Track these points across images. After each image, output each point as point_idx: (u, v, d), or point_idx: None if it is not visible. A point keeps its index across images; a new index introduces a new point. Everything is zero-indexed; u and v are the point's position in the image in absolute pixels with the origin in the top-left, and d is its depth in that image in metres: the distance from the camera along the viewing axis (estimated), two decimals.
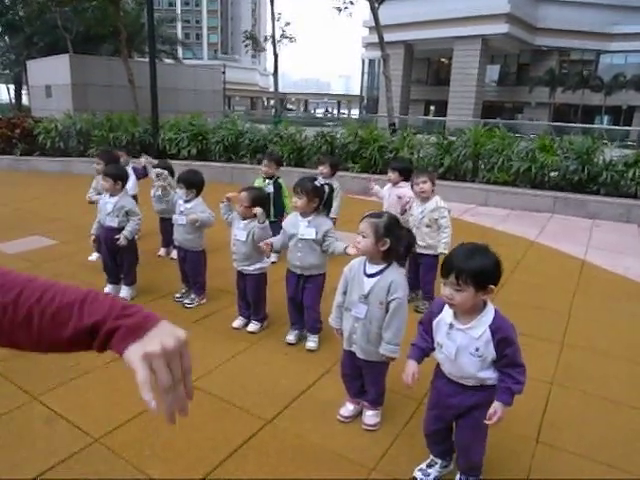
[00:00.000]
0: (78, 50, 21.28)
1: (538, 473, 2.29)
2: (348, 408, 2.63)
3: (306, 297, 3.34)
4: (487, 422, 1.86)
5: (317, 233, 3.19)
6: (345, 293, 2.53)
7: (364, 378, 2.58)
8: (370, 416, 2.57)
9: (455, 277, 1.78)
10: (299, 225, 3.23)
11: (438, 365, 2.09)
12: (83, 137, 11.73)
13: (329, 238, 3.21)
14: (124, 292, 4.17)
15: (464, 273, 1.77)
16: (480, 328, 1.87)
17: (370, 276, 2.40)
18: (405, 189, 4.46)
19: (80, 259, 5.09)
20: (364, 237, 2.35)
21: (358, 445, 2.44)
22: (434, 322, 2.01)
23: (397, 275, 2.39)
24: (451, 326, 1.93)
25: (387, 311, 2.37)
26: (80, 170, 10.64)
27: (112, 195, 4.06)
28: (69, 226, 6.39)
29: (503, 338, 1.85)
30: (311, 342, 3.38)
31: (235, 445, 2.39)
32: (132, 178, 5.73)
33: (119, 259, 4.13)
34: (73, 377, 2.95)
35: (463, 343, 1.90)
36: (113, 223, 4.04)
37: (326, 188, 3.25)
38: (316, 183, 3.18)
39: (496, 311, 1.92)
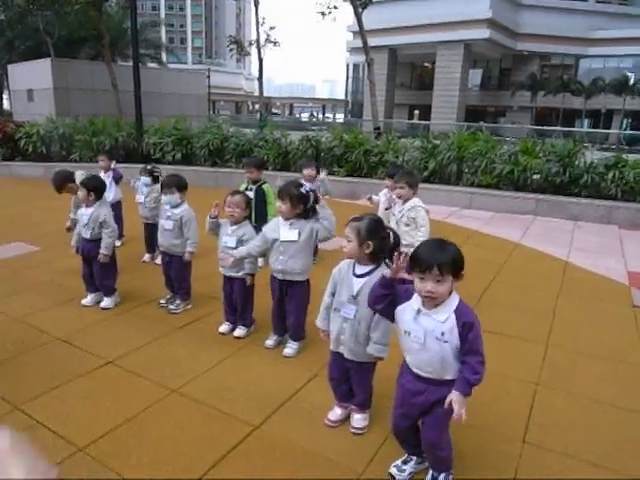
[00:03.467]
0: (60, 54, 21.06)
1: (525, 473, 2.30)
2: (336, 412, 2.62)
3: (289, 305, 3.29)
4: (454, 416, 1.88)
5: (300, 234, 3.13)
6: (333, 294, 2.53)
7: (352, 380, 2.58)
8: (358, 419, 2.57)
9: (438, 269, 1.85)
10: (280, 229, 3.17)
11: (404, 362, 2.12)
12: (66, 142, 11.57)
13: (316, 231, 3.14)
14: (105, 302, 4.08)
15: (445, 264, 1.87)
16: (445, 313, 1.93)
17: (359, 276, 2.42)
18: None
19: (61, 266, 5.02)
20: (349, 241, 2.36)
21: (347, 449, 2.43)
22: (399, 307, 2.05)
23: None
24: (418, 311, 1.98)
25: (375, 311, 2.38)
26: None
27: (88, 206, 3.98)
28: (51, 232, 6.29)
29: (466, 323, 1.91)
30: (289, 348, 3.34)
31: (223, 451, 2.37)
32: (113, 186, 5.68)
33: (96, 272, 4.03)
34: (56, 385, 2.89)
35: (430, 327, 1.95)
36: (87, 235, 3.97)
37: (310, 195, 3.22)
38: (302, 190, 3.13)
39: (460, 299, 1.99)
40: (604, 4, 47.14)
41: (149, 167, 5.28)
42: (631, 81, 40.34)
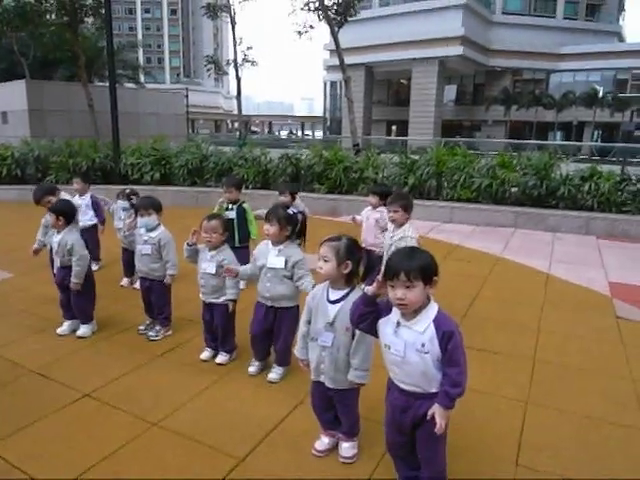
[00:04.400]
0: (35, 75, 20.83)
1: None
2: (323, 442, 2.53)
3: (278, 330, 3.20)
4: (436, 430, 1.88)
5: (286, 262, 3.06)
6: (309, 322, 2.47)
7: (336, 408, 2.50)
8: (347, 448, 2.48)
9: (405, 274, 1.86)
10: (269, 254, 3.12)
11: (389, 378, 2.09)
12: (41, 164, 11.36)
13: (300, 271, 3.07)
14: (82, 330, 3.93)
15: (413, 270, 1.87)
16: (424, 322, 1.92)
17: (334, 302, 2.36)
18: (384, 213, 4.46)
19: (37, 292, 4.85)
20: (326, 261, 2.31)
21: (336, 479, 2.34)
22: (380, 320, 2.03)
23: None
24: (398, 324, 1.96)
25: (353, 337, 2.33)
26: None
27: (58, 232, 3.86)
28: (24, 258, 6.05)
29: (446, 332, 1.89)
30: (274, 374, 3.25)
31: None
32: (89, 209, 5.55)
33: (72, 299, 3.89)
34: (30, 422, 2.75)
35: (410, 339, 1.93)
36: (58, 263, 3.85)
37: (299, 217, 3.21)
38: (289, 211, 3.14)
39: (439, 308, 1.97)
40: (571, 20, 48.85)
41: (127, 191, 5.17)
42: (600, 94, 41.63)
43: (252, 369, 3.33)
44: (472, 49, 43.12)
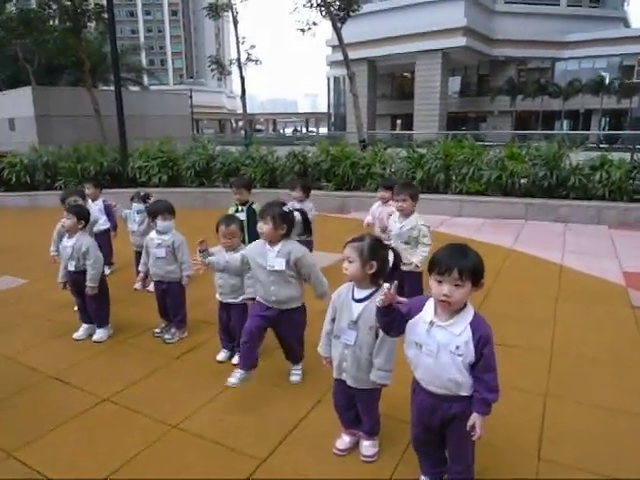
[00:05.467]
0: (41, 81, 20.93)
1: None
2: (344, 440, 2.53)
3: (289, 331, 3.15)
4: (473, 438, 1.90)
5: (288, 262, 2.94)
6: (334, 320, 2.46)
7: (357, 407, 2.50)
8: (367, 446, 2.48)
9: (458, 273, 1.82)
10: (267, 255, 2.97)
11: (414, 380, 2.07)
12: (50, 170, 11.43)
13: (305, 270, 2.96)
14: (98, 335, 3.96)
15: (466, 269, 1.83)
16: (461, 325, 1.89)
17: (359, 301, 2.35)
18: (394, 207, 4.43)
19: (51, 297, 4.89)
20: (350, 262, 2.30)
21: (358, 478, 2.35)
22: (410, 322, 2.01)
23: None
24: (431, 324, 1.93)
25: (377, 336, 2.31)
26: (48, 204, 10.31)
27: (70, 237, 3.88)
28: (38, 263, 6.13)
29: (482, 336, 1.87)
30: (296, 376, 3.23)
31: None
32: (102, 214, 5.58)
33: (87, 303, 3.92)
34: (51, 428, 2.77)
35: (444, 340, 1.90)
36: (73, 267, 3.87)
37: (297, 214, 3.09)
38: (285, 208, 2.98)
39: (476, 311, 1.94)
40: (575, 7, 48.31)
41: (142, 193, 5.18)
42: (606, 81, 41.22)
43: (232, 380, 2.98)
44: (475, 39, 42.79)
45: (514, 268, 5.74)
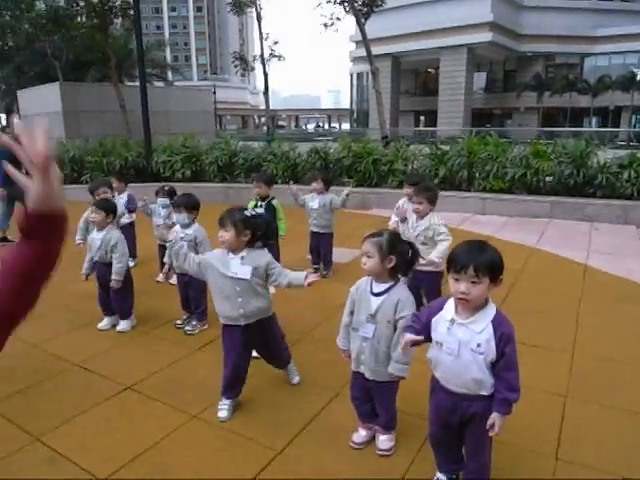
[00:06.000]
0: (68, 77, 21.37)
1: None
2: (361, 434, 2.55)
3: (267, 345, 2.98)
4: (490, 434, 1.89)
5: (256, 269, 2.72)
6: (352, 313, 2.48)
7: (375, 400, 2.51)
8: (384, 441, 2.50)
9: (474, 269, 1.81)
10: (229, 263, 2.72)
11: (434, 378, 2.07)
12: (76, 164, 11.69)
13: (273, 270, 2.78)
14: (122, 325, 4.06)
15: (482, 265, 1.82)
16: (482, 323, 1.88)
17: (377, 295, 2.36)
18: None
19: (76, 289, 4.97)
20: (369, 257, 2.31)
21: (374, 471, 2.36)
22: (433, 320, 2.01)
23: (404, 293, 2.36)
24: (452, 322, 1.93)
25: (395, 329, 2.33)
26: (75, 197, 10.46)
27: (99, 230, 3.97)
28: (64, 255, 6.30)
29: (504, 334, 1.86)
30: (296, 376, 3.17)
31: (249, 478, 2.31)
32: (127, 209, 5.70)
33: (112, 295, 4.01)
34: (76, 414, 2.86)
35: (465, 338, 1.89)
36: (102, 259, 3.96)
37: (258, 220, 2.78)
38: (246, 213, 2.76)
39: (497, 308, 1.93)
40: (606, 1, 47.01)
41: (167, 188, 5.25)
42: (638, 77, 40.03)
43: (223, 414, 2.80)
44: (502, 35, 42.08)
45: (537, 267, 5.65)
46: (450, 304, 1.97)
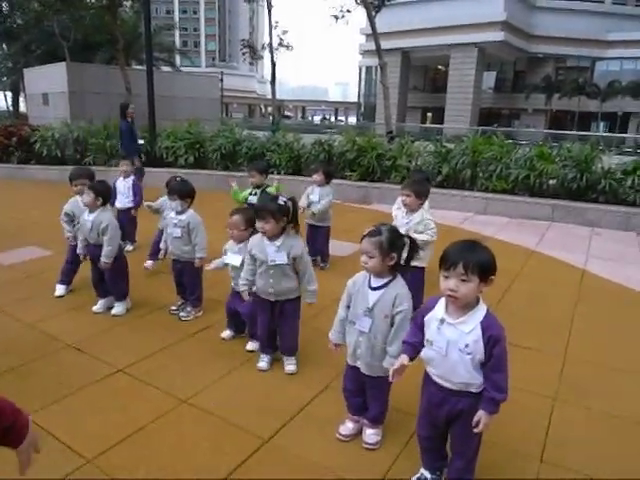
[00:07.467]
0: (75, 58, 21.28)
1: None
2: (348, 427, 2.56)
3: (285, 322, 3.16)
4: (475, 431, 1.90)
5: (288, 256, 2.98)
6: (348, 307, 2.48)
7: (367, 394, 2.52)
8: (371, 435, 2.51)
9: (463, 267, 1.82)
10: (266, 250, 3.00)
11: (426, 372, 2.09)
12: (80, 145, 11.68)
13: (302, 267, 3.04)
14: (117, 308, 4.06)
15: (471, 263, 1.82)
16: (471, 323, 1.89)
17: (375, 289, 2.36)
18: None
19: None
20: (371, 257, 2.30)
21: (359, 464, 2.37)
22: (426, 318, 2.02)
23: (402, 288, 2.36)
24: (442, 321, 1.94)
25: (392, 324, 2.33)
26: None
27: (91, 212, 3.97)
28: (63, 236, 6.31)
29: (493, 336, 1.86)
30: (292, 365, 3.22)
31: (234, 465, 2.33)
32: (130, 192, 5.70)
33: (107, 276, 4.01)
34: (66, 394, 2.88)
35: (453, 338, 1.91)
36: (93, 241, 3.97)
37: (289, 203, 3.01)
38: (279, 202, 2.97)
39: (487, 309, 1.93)
40: (620, 5, 46.62)
41: (178, 178, 5.19)
42: None
43: (263, 364, 3.24)
44: (514, 35, 41.78)
45: (535, 269, 5.65)
46: (441, 303, 1.98)
